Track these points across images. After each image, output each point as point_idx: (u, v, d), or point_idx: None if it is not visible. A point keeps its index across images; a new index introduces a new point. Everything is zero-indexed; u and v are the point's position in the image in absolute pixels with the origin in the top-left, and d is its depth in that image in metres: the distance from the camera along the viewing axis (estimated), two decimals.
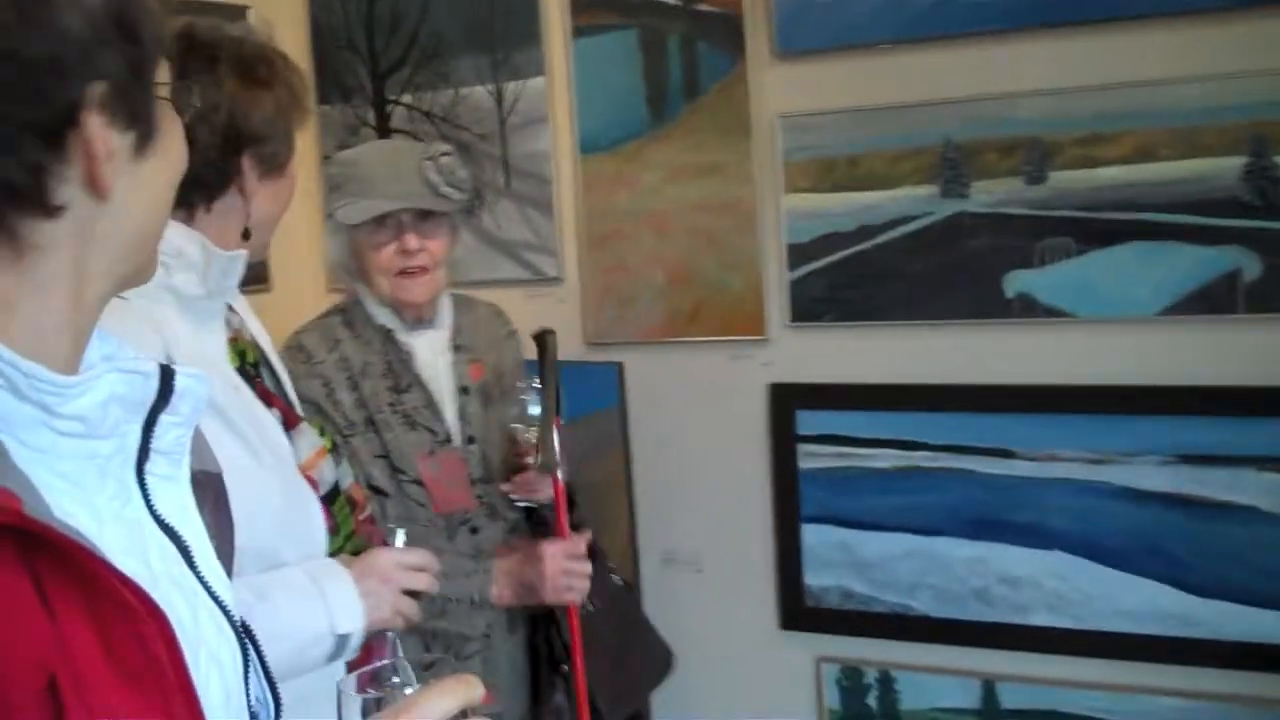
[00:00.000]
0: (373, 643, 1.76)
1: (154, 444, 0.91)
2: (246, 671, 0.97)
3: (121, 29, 0.83)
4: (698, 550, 3.11)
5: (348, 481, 1.89)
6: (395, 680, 1.77)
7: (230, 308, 1.83)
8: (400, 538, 1.85)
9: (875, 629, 2.93)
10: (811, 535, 2.97)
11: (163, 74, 0.90)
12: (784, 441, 2.99)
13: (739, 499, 3.05)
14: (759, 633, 3.05)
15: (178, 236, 1.65)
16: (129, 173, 0.86)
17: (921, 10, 2.77)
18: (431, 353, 2.49)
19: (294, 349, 2.46)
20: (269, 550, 1.66)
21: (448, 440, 2.43)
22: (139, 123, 0.86)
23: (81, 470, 0.85)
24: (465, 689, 0.91)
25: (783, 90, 2.96)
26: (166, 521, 0.92)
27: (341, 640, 1.68)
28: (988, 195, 2.75)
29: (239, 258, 1.70)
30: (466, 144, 3.29)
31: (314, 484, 1.76)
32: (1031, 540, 2.76)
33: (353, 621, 1.68)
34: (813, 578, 2.98)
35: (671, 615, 2.77)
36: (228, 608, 0.96)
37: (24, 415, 0.81)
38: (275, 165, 1.75)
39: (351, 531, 1.83)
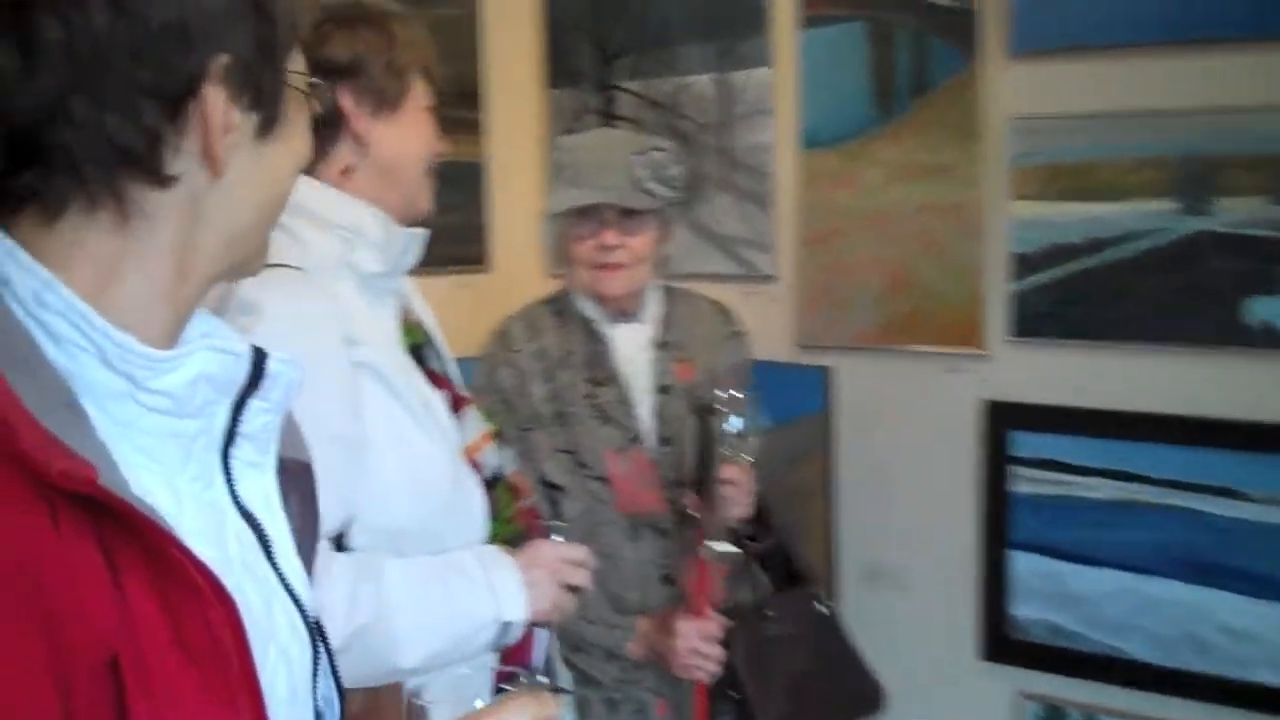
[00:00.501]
0: (520, 639, 1.77)
1: (241, 428, 0.90)
2: (316, 669, 0.95)
3: (255, 5, 0.84)
4: (897, 568, 3.01)
5: (509, 469, 1.90)
6: (540, 679, 1.79)
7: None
8: (557, 535, 1.85)
9: (1082, 668, 2.77)
10: (1019, 563, 2.83)
11: (297, 64, 0.90)
12: (995, 462, 2.85)
13: (943, 518, 2.93)
14: (957, 661, 2.93)
15: (357, 212, 1.68)
16: (249, 154, 0.86)
17: (1164, 12, 2.56)
18: (631, 347, 2.46)
19: (499, 334, 2.48)
20: (434, 529, 1.68)
21: (639, 439, 2.40)
22: (264, 104, 0.86)
23: (164, 448, 0.84)
24: (539, 707, 0.89)
25: (1015, 91, 2.79)
26: (248, 509, 0.92)
27: (504, 628, 1.69)
28: (1230, 214, 2.53)
29: (418, 236, 1.73)
30: (687, 134, 3.24)
31: (478, 467, 1.77)
32: (1256, 590, 2.55)
33: (517, 610, 1.69)
34: (1018, 608, 2.84)
35: (867, 633, 2.68)
36: (302, 603, 0.94)
37: (111, 386, 0.81)
38: (386, 100, 1.72)
39: (510, 518, 1.83)
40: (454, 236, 3.38)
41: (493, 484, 1.80)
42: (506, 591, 1.68)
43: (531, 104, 3.53)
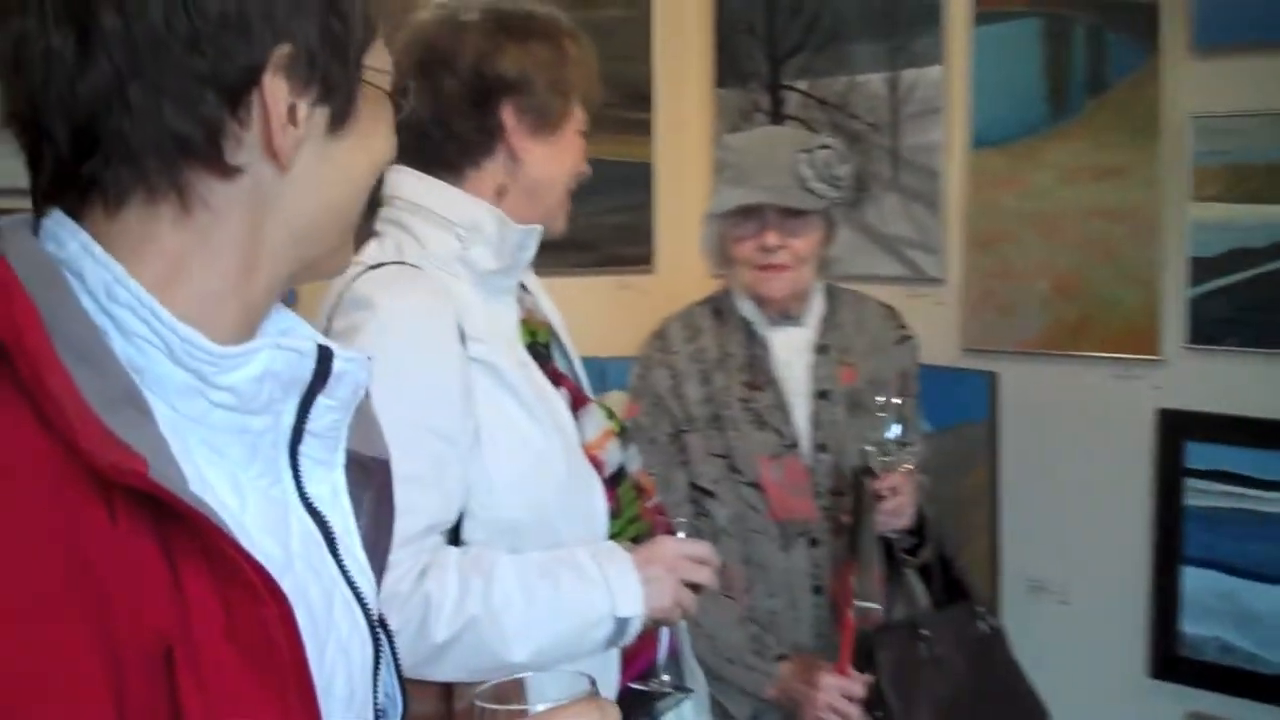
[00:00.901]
0: (645, 637, 1.75)
1: (309, 425, 0.89)
2: (377, 667, 0.95)
3: None
4: (1064, 581, 2.91)
5: (635, 466, 1.88)
6: (665, 678, 1.77)
7: (523, 287, 1.84)
8: (682, 532, 1.82)
9: (1257, 691, 2.63)
10: (1192, 579, 2.71)
11: (379, 59, 0.89)
12: (1170, 474, 2.73)
13: (1114, 530, 2.82)
14: (1125, 678, 2.82)
15: (474, 210, 1.68)
16: (319, 149, 0.85)
17: None
18: (789, 351, 2.42)
19: (656, 335, 2.48)
20: (549, 525, 1.67)
21: (794, 445, 2.37)
22: (334, 98, 0.85)
23: (230, 443, 0.85)
24: (600, 716, 0.85)
25: (1198, 88, 2.68)
26: (315, 506, 0.91)
27: (621, 624, 1.65)
28: None
29: (534, 232, 1.71)
30: (857, 133, 3.19)
31: (599, 464, 1.76)
32: None
33: (634, 606, 1.65)
34: (1190, 625, 2.72)
35: (1029, 647, 2.60)
36: (366, 600, 0.94)
37: (179, 381, 0.81)
38: (547, 120, 1.72)
39: (635, 516, 1.82)
40: (620, 237, 3.40)
41: (615, 482, 1.79)
42: (622, 587, 1.65)
43: (700, 104, 3.53)
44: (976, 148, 3.01)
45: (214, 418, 0.83)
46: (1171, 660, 2.76)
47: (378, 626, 0.96)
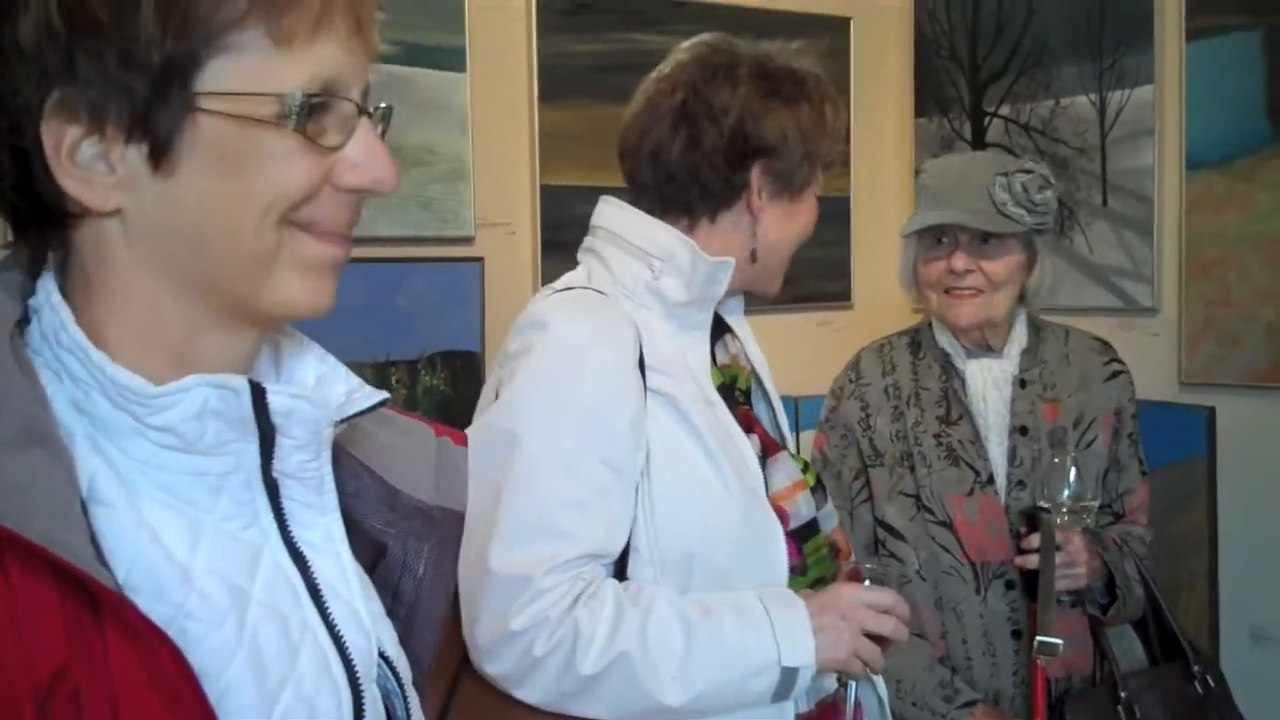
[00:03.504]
0: (834, 700, 1.65)
1: (278, 467, 0.87)
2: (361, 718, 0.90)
3: (76, 34, 0.77)
4: None
5: (831, 525, 1.76)
6: None
7: (731, 332, 1.79)
8: (868, 580, 1.67)
9: None
10: None
11: (247, 81, 0.80)
12: None
13: None
14: None
15: (669, 240, 1.64)
16: (156, 189, 0.80)
17: None
18: (987, 384, 2.29)
19: (850, 366, 2.40)
20: (720, 570, 1.59)
21: (990, 481, 2.25)
22: (144, 134, 0.79)
23: (189, 486, 0.83)
24: None
25: None
26: (301, 550, 0.89)
27: (789, 675, 1.53)
28: None
29: (725, 265, 1.63)
30: (1063, 159, 3.07)
31: (784, 515, 1.66)
32: None
33: (802, 655, 1.53)
34: None
35: (1252, 701, 2.41)
36: (349, 652, 0.90)
37: (121, 423, 0.81)
38: (790, 185, 1.67)
39: (826, 576, 1.71)
40: (819, 272, 3.34)
41: (804, 536, 1.69)
42: (791, 634, 1.53)
43: (899, 135, 3.46)
44: (1191, 169, 2.85)
45: (164, 459, 0.82)
46: None
47: (379, 680, 0.93)
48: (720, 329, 1.78)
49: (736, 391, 1.74)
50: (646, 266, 1.63)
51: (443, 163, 2.75)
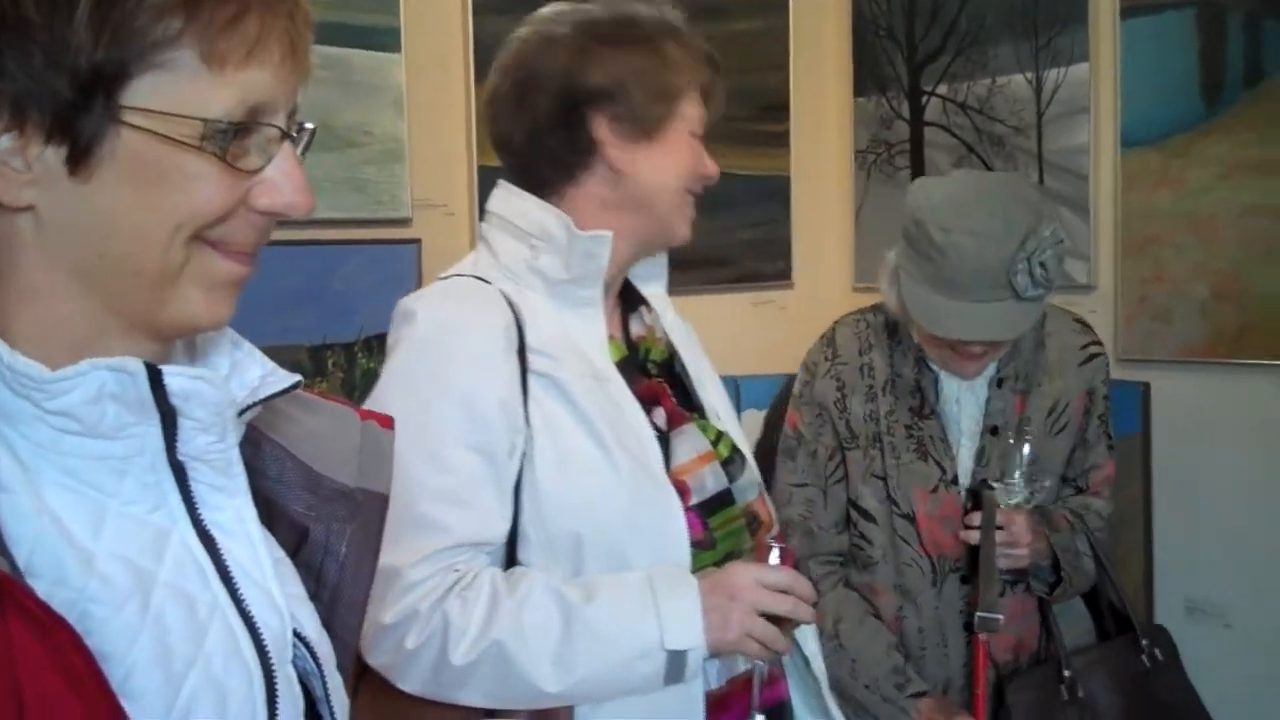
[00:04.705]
0: (747, 678, 1.60)
1: (181, 449, 0.87)
2: (273, 706, 0.89)
3: (5, 31, 0.77)
4: (1225, 602, 2.74)
5: (749, 496, 1.71)
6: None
7: (647, 305, 1.76)
8: (774, 555, 1.60)
9: None
10: None
11: (179, 103, 0.80)
12: None
13: (1276, 548, 2.65)
14: None
15: (547, 218, 1.61)
16: (70, 193, 0.80)
17: None
18: (960, 387, 2.25)
19: (825, 341, 2.34)
20: (615, 548, 1.55)
21: (955, 481, 2.23)
22: (63, 138, 0.79)
23: (92, 469, 0.83)
24: None
25: None
26: (210, 532, 0.89)
27: (677, 658, 1.49)
28: None
29: (601, 239, 1.59)
30: (1000, 137, 3.09)
31: (684, 489, 1.61)
32: None
33: (689, 638, 1.48)
34: None
35: (1190, 671, 2.44)
36: (261, 633, 0.90)
37: (21, 410, 0.81)
38: (642, 127, 1.61)
39: (742, 550, 1.66)
40: (757, 252, 3.33)
41: (710, 509, 1.64)
42: (676, 615, 1.48)
43: (838, 114, 3.46)
44: (1126, 147, 2.87)
45: (67, 444, 0.82)
46: None
47: (296, 661, 0.93)
48: (638, 301, 1.76)
49: (649, 364, 1.71)
50: (527, 246, 1.62)
51: (378, 144, 2.72)
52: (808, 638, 1.73)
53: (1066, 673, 2.19)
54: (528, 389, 1.56)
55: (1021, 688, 2.19)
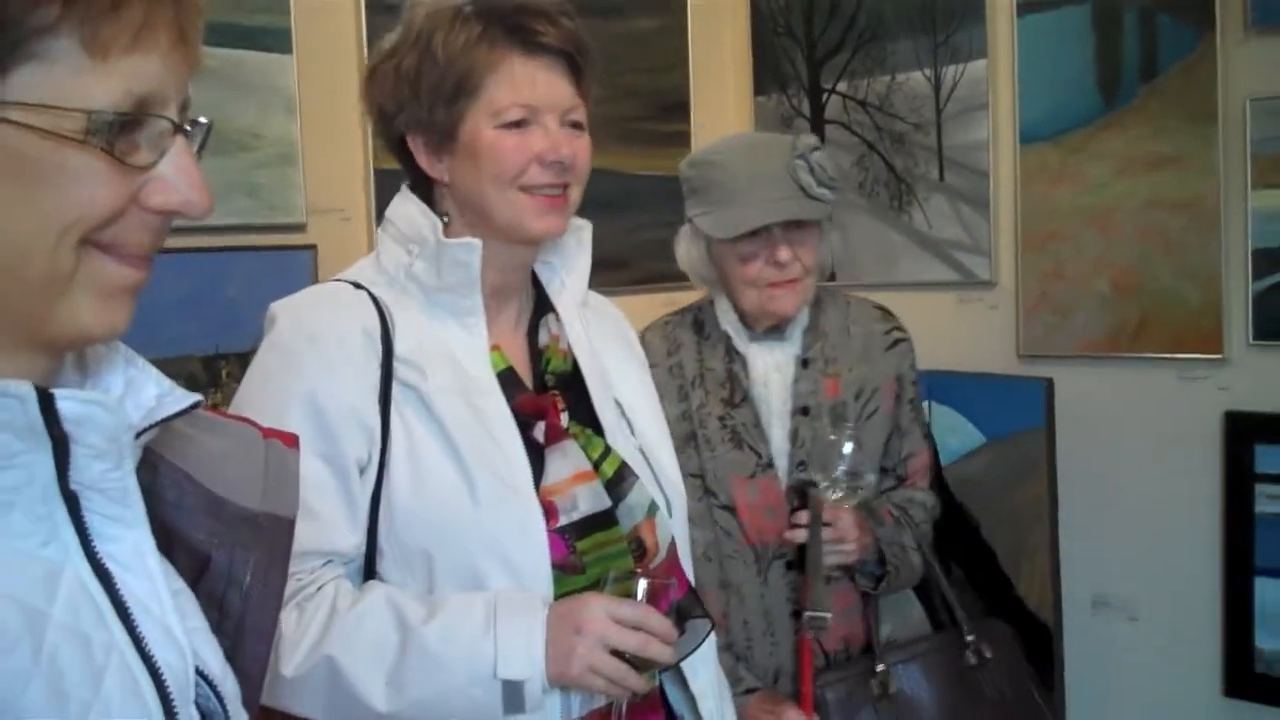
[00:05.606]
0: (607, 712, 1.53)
1: (75, 478, 0.81)
2: None
3: None
4: (1130, 596, 2.77)
5: (635, 519, 1.63)
6: None
7: (556, 315, 1.71)
8: (641, 587, 1.51)
9: None
10: (1267, 591, 2.56)
11: (62, 95, 0.75)
12: (1239, 480, 2.58)
13: (1181, 541, 2.68)
14: (1198, 697, 2.67)
15: (422, 222, 1.57)
16: None
17: None
18: (768, 367, 2.26)
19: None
20: (467, 568, 1.49)
21: (771, 465, 2.22)
22: None
23: None
24: None
25: (1257, 70, 2.56)
26: (106, 566, 0.83)
27: (512, 689, 1.42)
28: None
29: (470, 247, 1.53)
30: (900, 134, 3.09)
31: (551, 509, 1.54)
32: None
33: (524, 668, 1.41)
34: (1266, 640, 2.56)
35: (1097, 666, 2.46)
36: (161, 673, 0.84)
37: None
38: (437, 134, 1.56)
39: (622, 575, 1.55)
40: (659, 254, 3.28)
41: (582, 531, 1.55)
42: (514, 645, 1.42)
43: (739, 113, 3.44)
44: (1025, 143, 2.89)
45: None
46: (1246, 677, 2.62)
47: (199, 700, 0.87)
48: (548, 309, 1.71)
49: (548, 375, 1.65)
50: (405, 251, 1.59)
51: (270, 147, 2.64)
52: (698, 673, 1.65)
53: (879, 666, 2.20)
54: (391, 397, 1.51)
55: (833, 680, 2.18)
